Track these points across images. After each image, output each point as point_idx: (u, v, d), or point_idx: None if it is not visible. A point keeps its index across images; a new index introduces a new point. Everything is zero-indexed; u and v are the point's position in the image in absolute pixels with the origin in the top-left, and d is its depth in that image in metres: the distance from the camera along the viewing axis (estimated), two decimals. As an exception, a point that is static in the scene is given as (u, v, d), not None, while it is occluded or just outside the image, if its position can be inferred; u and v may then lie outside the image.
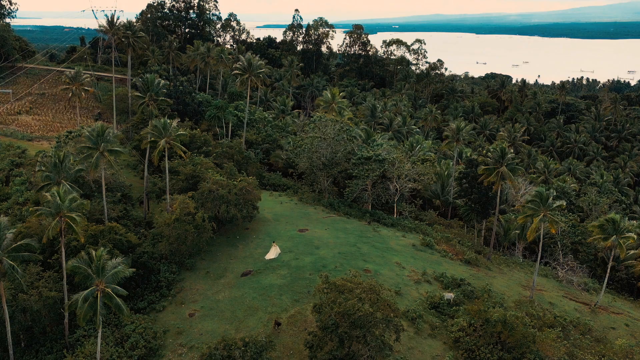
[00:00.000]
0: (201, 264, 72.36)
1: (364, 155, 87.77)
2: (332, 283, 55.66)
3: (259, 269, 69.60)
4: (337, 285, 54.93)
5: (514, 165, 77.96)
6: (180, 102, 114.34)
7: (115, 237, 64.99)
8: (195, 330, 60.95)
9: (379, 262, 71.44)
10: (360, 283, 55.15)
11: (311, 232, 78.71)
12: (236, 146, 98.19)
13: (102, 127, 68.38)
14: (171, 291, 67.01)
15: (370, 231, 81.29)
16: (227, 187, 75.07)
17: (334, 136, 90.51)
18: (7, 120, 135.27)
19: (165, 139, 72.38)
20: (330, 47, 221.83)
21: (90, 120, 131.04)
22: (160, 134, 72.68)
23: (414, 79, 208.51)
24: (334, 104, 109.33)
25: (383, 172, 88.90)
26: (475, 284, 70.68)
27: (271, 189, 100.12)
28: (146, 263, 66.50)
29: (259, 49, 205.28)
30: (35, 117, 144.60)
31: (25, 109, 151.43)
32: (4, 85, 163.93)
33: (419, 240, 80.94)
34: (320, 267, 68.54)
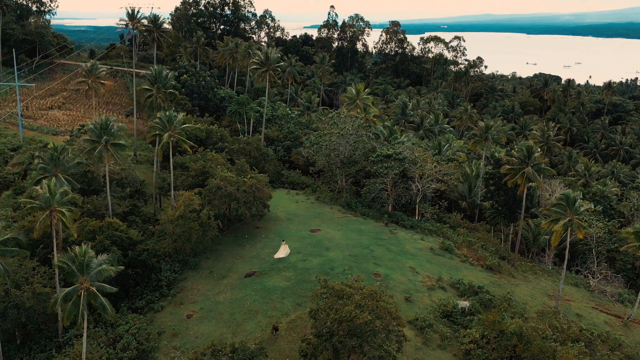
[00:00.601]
0: (206, 263, 69.71)
1: (383, 153, 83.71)
2: (330, 288, 52.07)
3: (264, 270, 66.49)
4: (335, 290, 51.32)
5: (540, 166, 72.63)
6: (202, 97, 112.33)
7: (114, 233, 62.82)
8: (191, 333, 58.24)
9: (391, 265, 67.40)
10: (360, 288, 51.41)
11: (323, 232, 75.21)
12: (254, 142, 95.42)
13: (106, 120, 66.39)
14: (171, 291, 64.50)
15: (387, 233, 77.21)
16: (236, 184, 72.20)
17: (353, 133, 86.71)
18: (36, 114, 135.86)
19: (169, 132, 69.91)
20: (365, 44, 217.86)
21: (122, 117, 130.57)
22: (164, 127, 70.29)
23: (452, 77, 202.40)
24: (359, 100, 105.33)
25: (403, 171, 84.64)
26: (495, 292, 65.97)
27: (289, 187, 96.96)
28: (146, 261, 64.16)
29: (292, 46, 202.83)
30: (66, 112, 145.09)
31: (58, 104, 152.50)
32: (40, 81, 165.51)
33: (438, 244, 76.48)
34: (327, 270, 65.01)
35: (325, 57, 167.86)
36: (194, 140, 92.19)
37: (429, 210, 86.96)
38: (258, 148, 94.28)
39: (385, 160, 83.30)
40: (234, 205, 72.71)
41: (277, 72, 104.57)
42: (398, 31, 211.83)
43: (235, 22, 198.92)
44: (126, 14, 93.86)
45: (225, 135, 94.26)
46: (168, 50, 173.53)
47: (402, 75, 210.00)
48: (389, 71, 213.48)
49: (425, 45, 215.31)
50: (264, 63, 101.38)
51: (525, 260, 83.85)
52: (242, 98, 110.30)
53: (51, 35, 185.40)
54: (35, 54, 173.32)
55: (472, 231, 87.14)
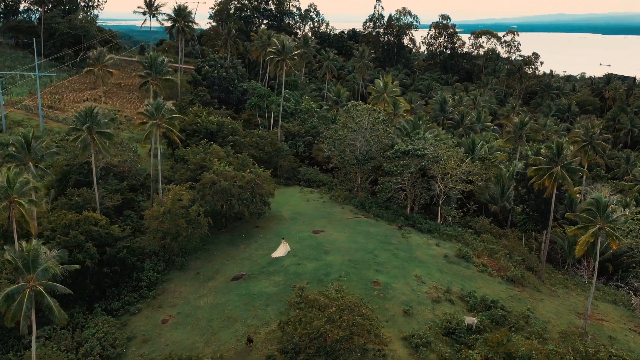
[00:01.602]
0: (194, 263, 64.71)
1: (400, 148, 76.51)
2: (304, 297, 45.98)
3: (253, 273, 60.89)
4: (309, 301, 45.18)
5: (571, 166, 63.93)
6: (223, 89, 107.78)
7: (91, 228, 58.45)
8: (162, 340, 53.25)
9: (394, 273, 60.45)
10: (337, 299, 45.00)
11: (327, 234, 68.90)
12: (268, 137, 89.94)
13: (91, 107, 62.29)
14: (151, 292, 59.81)
15: (398, 237, 70.14)
16: (233, 178, 66.79)
17: (368, 127, 79.92)
18: (67, 107, 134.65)
19: (156, 121, 65.10)
20: (413, 39, 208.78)
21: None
22: (152, 115, 65.55)
23: (504, 74, 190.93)
24: (386, 93, 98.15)
25: (423, 170, 77.23)
26: (513, 308, 58.06)
27: (305, 184, 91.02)
28: (125, 259, 59.50)
29: (336, 41, 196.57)
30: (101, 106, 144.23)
31: (95, 97, 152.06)
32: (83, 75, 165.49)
33: (455, 251, 68.87)
34: (321, 276, 58.77)
35: (365, 50, 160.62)
36: (205, 133, 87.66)
37: (451, 213, 79.08)
38: (272, 143, 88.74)
39: (401, 157, 76.11)
40: (234, 202, 67.31)
41: (295, 61, 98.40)
42: (448, 25, 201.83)
43: (278, 17, 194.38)
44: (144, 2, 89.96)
45: (237, 129, 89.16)
46: (208, 44, 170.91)
47: (450, 71, 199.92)
48: (437, 67, 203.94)
49: (476, 40, 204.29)
50: (280, 52, 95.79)
51: (557, 273, 74.98)
52: (263, 90, 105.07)
53: (96, 29, 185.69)
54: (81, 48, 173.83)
55: (500, 238, 78.74)
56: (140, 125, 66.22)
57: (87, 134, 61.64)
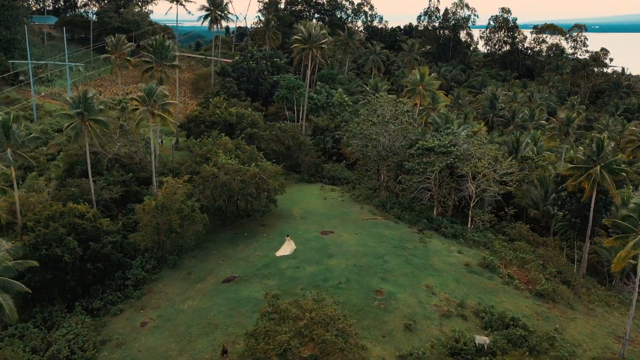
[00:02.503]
0: (188, 262, 60.15)
1: (424, 144, 69.49)
2: (276, 306, 40.38)
3: (246, 275, 55.69)
4: (280, 311, 39.54)
5: (612, 166, 55.41)
6: (252, 81, 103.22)
7: (75, 220, 54.69)
8: (136, 345, 48.78)
9: (402, 282, 53.85)
10: (310, 311, 39.12)
11: (336, 235, 62.95)
12: (291, 130, 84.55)
13: (84, 93, 58.69)
14: (137, 292, 55.55)
15: (415, 241, 63.35)
16: (236, 172, 61.83)
17: (390, 120, 73.22)
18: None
19: (148, 107, 60.82)
20: (470, 33, 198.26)
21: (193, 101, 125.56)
22: (144, 101, 61.32)
23: (568, 71, 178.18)
24: (422, 86, 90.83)
25: (450, 168, 69.99)
26: (537, 327, 50.48)
27: (329, 182, 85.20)
28: (109, 255, 55.42)
29: (388, 36, 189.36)
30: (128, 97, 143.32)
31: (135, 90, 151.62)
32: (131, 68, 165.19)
33: (478, 259, 61.51)
34: (319, 282, 52.92)
35: (414, 44, 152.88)
36: (224, 125, 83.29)
37: (482, 217, 71.34)
38: (295, 136, 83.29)
39: (425, 153, 69.11)
40: (237, 197, 62.43)
41: (323, 49, 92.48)
42: (508, 19, 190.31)
43: (330, 11, 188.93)
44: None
45: (256, 121, 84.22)
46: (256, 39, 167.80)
47: (510, 67, 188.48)
48: (496, 64, 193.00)
49: (538, 34, 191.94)
50: (306, 40, 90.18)
51: (599, 288, 66.13)
52: (293, 82, 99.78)
53: (148, 24, 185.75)
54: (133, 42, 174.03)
55: (538, 247, 70.42)
56: (133, 113, 62.12)
57: (79, 120, 58.04)
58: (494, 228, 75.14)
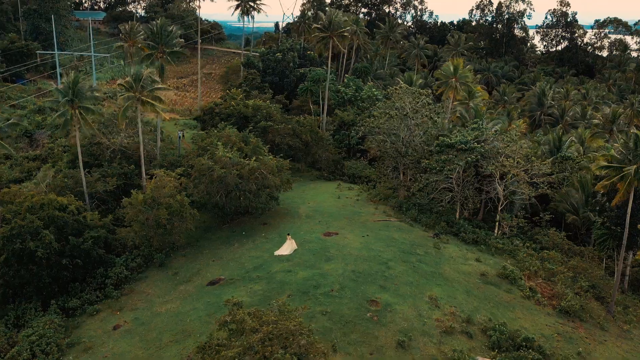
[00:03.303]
0: (177, 261, 56.06)
1: (444, 140, 63.08)
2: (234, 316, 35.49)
3: (233, 278, 51.00)
4: (235, 321, 34.65)
5: (651, 166, 47.76)
6: (277, 73, 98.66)
7: (54, 213, 51.33)
8: (103, 350, 44.79)
9: (403, 292, 47.96)
10: (270, 323, 34.01)
11: (339, 237, 57.53)
12: (308, 124, 79.44)
13: (76, 77, 55.36)
14: (117, 292, 51.72)
15: (429, 247, 57.21)
16: (235, 166, 57.32)
17: (409, 113, 67.08)
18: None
19: (134, 94, 56.88)
20: (525, 27, 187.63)
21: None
22: (131, 87, 57.40)
23: (632, 68, 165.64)
24: (455, 79, 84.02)
25: (475, 167, 63.46)
26: (556, 350, 43.86)
27: (349, 180, 79.73)
28: (89, 251, 51.77)
29: (438, 30, 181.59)
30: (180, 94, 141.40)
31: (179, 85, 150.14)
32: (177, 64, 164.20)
33: (498, 269, 54.87)
34: (309, 288, 47.71)
35: (460, 37, 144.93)
36: (238, 117, 79.08)
37: (509, 221, 64.32)
38: (313, 131, 78.17)
39: (445, 150, 62.71)
40: (236, 194, 57.97)
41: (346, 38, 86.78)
42: (567, 13, 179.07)
43: (377, 5, 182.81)
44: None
45: (272, 113, 79.49)
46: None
47: (567, 64, 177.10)
48: (552, 60, 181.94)
49: (600, 29, 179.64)
50: (326, 27, 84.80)
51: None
52: (318, 75, 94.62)
53: (193, 19, 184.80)
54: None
55: (572, 256, 62.89)
56: (122, 100, 58.32)
57: (68, 107, 54.77)
58: (526, 235, 68.02)
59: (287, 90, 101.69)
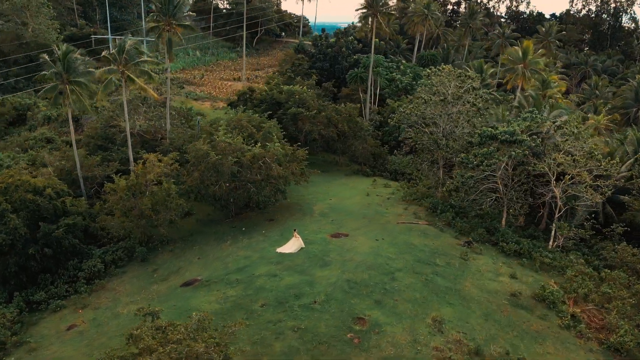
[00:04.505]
0: (161, 256, 50.13)
1: (486, 131, 52.78)
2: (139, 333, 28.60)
3: (211, 280, 44.18)
4: (133, 338, 27.79)
5: None
6: (329, 59, 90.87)
7: (25, 196, 46.70)
8: (46, 353, 39.49)
9: (402, 310, 39.05)
10: (167, 343, 26.80)
11: (347, 240, 49.29)
12: (347, 112, 71.11)
13: (67, 50, 50.63)
14: (87, 287, 46.44)
15: (454, 257, 47.60)
16: (236, 152, 50.52)
17: (452, 99, 57.17)
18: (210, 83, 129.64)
19: (116, 67, 51.09)
20: (635, 17, 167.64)
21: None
22: (114, 59, 51.63)
23: None
24: (524, 65, 72.50)
25: (523, 165, 52.87)
26: (591, 401, 33.70)
27: (390, 176, 70.84)
28: (61, 240, 46.72)
29: (532, 21, 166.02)
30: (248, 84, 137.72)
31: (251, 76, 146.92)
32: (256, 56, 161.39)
33: (535, 289, 44.43)
34: (290, 297, 40.01)
35: (551, 26, 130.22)
36: (270, 103, 72.33)
37: (566, 232, 52.98)
38: (351, 120, 69.84)
39: (487, 142, 52.44)
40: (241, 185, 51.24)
41: (392, 16, 77.35)
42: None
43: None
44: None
45: (306, 99, 71.76)
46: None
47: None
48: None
49: None
50: (370, 5, 75.86)
51: None
52: (370, 61, 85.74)
53: (274, 12, 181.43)
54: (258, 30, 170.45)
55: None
56: (105, 75, 52.79)
57: (58, 81, 50.16)
58: (591, 249, 56.37)
59: (338, 78, 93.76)
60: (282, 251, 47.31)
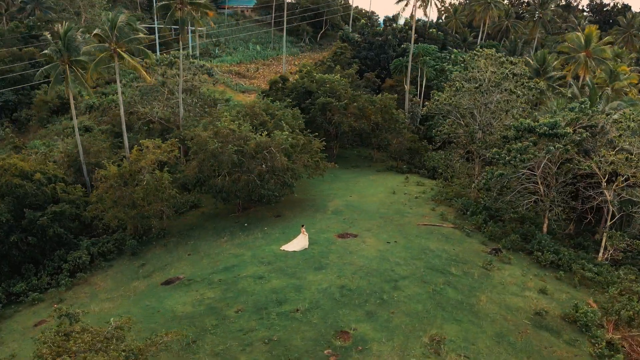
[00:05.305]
0: (153, 251, 46.36)
1: (522, 124, 45.61)
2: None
3: (193, 279, 39.89)
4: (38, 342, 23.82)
5: None
6: (374, 48, 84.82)
7: (12, 181, 44.04)
8: (7, 350, 36.35)
9: (397, 324, 33.21)
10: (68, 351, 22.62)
11: (355, 241, 43.74)
12: (382, 102, 65.10)
13: (67, 28, 47.73)
14: (69, 280, 43.25)
15: (474, 265, 41.10)
16: (239, 140, 46.10)
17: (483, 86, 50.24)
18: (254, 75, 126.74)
19: (111, 44, 47.32)
20: None
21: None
22: (107, 37, 47.90)
23: None
24: (586, 53, 64.08)
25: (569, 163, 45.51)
26: None
27: (427, 174, 64.50)
28: (46, 229, 43.74)
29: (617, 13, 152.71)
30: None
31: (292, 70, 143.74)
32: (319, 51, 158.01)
33: (566, 308, 37.37)
34: (271, 303, 35.12)
35: (634, 17, 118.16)
36: (301, 92, 67.50)
37: (617, 243, 45.19)
38: (386, 111, 63.87)
39: (525, 136, 45.30)
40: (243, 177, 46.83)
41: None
42: None
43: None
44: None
45: (335, 88, 66.22)
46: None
47: None
48: None
49: None
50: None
51: None
52: (417, 49, 79.12)
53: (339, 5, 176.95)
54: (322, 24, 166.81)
55: None
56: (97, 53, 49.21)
57: (57, 61, 47.35)
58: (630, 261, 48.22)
59: (384, 68, 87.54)
60: (286, 249, 42.56)
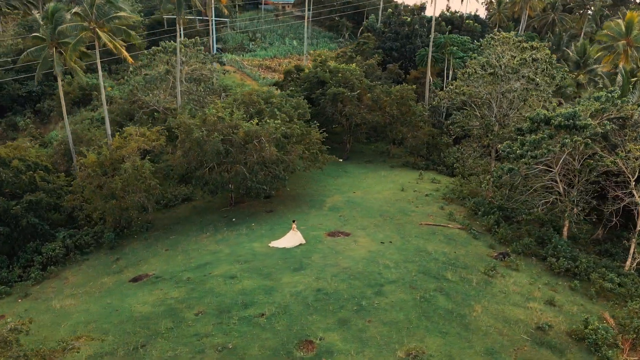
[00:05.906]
0: (132, 245, 43.49)
1: (538, 115, 40.53)
2: None
3: (162, 277, 36.81)
4: None
5: None
6: (400, 38, 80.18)
7: (-12, 168, 41.97)
8: (-43, 346, 33.91)
9: (371, 335, 29.18)
10: None
11: (346, 240, 39.80)
12: (398, 93, 60.60)
13: (54, 8, 45.38)
14: (40, 273, 40.78)
15: (474, 271, 36.51)
16: (226, 129, 42.83)
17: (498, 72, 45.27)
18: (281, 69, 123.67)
19: (91, 23, 44.39)
20: None
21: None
22: (87, 15, 44.98)
23: None
24: (627, 40, 58.11)
25: (590, 160, 40.34)
26: None
27: (446, 170, 59.83)
28: (19, 218, 41.39)
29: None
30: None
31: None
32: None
33: (576, 323, 32.47)
34: (236, 306, 31.69)
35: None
36: (314, 82, 63.82)
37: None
38: (403, 102, 59.40)
39: (541, 128, 40.25)
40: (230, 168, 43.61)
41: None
42: None
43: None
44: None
45: (349, 79, 62.00)
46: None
47: None
48: None
49: None
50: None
51: None
52: (442, 39, 74.04)
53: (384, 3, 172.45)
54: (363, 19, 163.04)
55: None
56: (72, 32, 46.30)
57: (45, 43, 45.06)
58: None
59: (409, 59, 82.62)
60: (275, 245, 39.12)
